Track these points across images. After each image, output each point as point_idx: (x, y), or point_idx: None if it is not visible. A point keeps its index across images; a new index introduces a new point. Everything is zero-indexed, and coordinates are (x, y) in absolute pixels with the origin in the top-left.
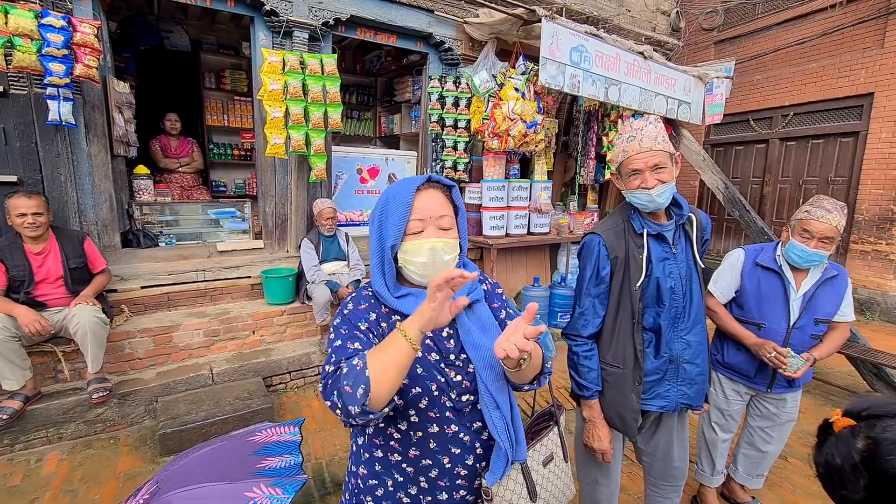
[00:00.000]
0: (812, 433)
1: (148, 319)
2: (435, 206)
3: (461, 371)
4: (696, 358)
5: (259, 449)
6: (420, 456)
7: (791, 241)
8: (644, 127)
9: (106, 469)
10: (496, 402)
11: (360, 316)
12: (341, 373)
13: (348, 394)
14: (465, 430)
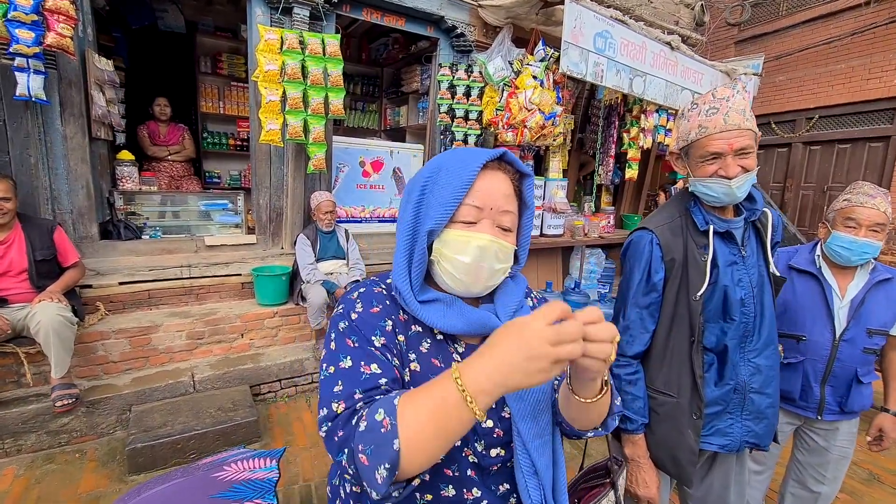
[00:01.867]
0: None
1: (125, 319)
2: (500, 194)
3: (493, 416)
4: (767, 387)
5: (225, 490)
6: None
7: (833, 233)
8: (731, 97)
9: (66, 488)
10: (534, 464)
11: (373, 323)
12: (357, 429)
13: (364, 466)
14: (488, 496)
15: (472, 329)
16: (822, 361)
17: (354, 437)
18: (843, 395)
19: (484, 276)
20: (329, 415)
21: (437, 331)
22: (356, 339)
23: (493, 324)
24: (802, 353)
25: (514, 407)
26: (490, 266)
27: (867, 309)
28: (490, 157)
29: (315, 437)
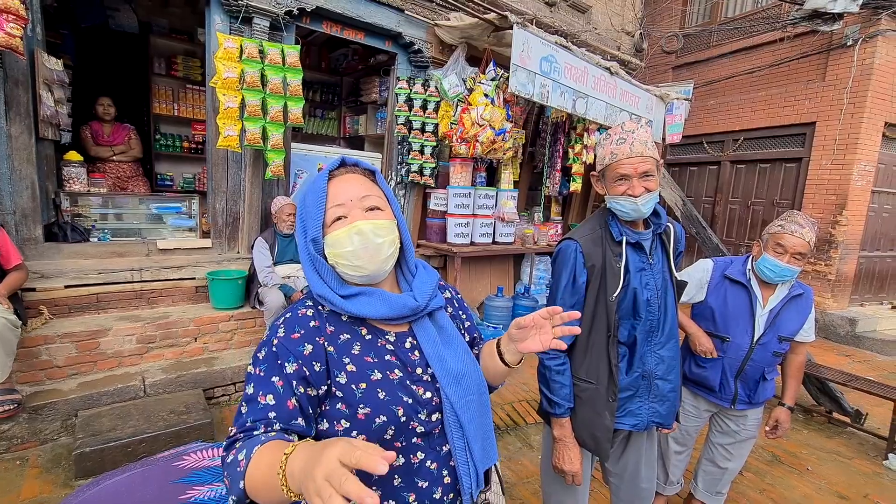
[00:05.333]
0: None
1: (72, 323)
2: (354, 187)
3: (430, 387)
4: (669, 374)
5: (185, 476)
6: (382, 497)
7: (764, 255)
8: (636, 130)
9: (6, 496)
10: (460, 421)
11: (290, 350)
12: (227, 458)
13: (228, 486)
14: (433, 457)
15: (396, 311)
16: (739, 360)
17: (225, 464)
18: (752, 389)
19: (375, 256)
20: (228, 439)
21: (365, 329)
22: (264, 369)
23: (412, 304)
24: (724, 352)
25: (440, 373)
26: (373, 242)
27: (781, 318)
28: (332, 167)
29: None
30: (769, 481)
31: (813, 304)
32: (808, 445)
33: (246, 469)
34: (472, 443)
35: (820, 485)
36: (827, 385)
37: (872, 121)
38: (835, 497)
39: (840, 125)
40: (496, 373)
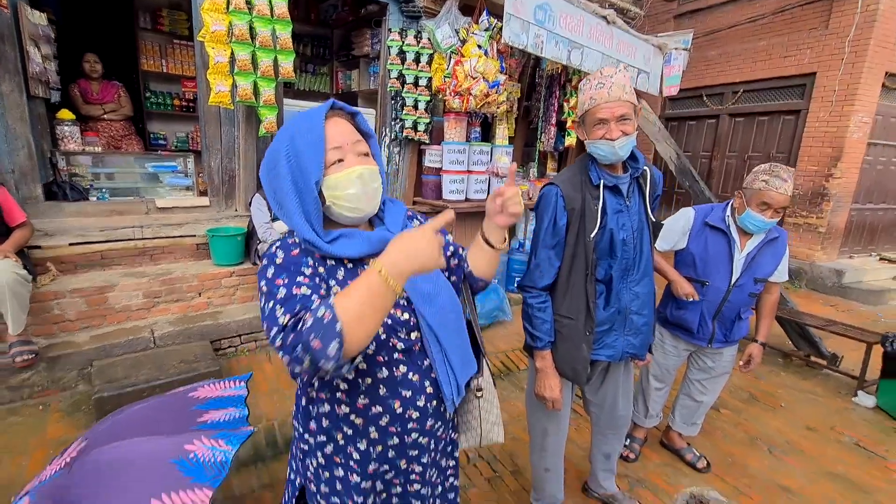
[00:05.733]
0: (745, 388)
1: (79, 279)
2: (347, 132)
3: (406, 309)
4: (643, 309)
5: (200, 403)
6: (369, 404)
7: (748, 211)
8: (614, 75)
9: (34, 437)
10: (437, 338)
11: (297, 261)
12: (304, 326)
13: (317, 349)
14: (414, 370)
15: (375, 248)
16: (717, 302)
17: (304, 333)
18: (728, 328)
19: (371, 197)
20: (279, 328)
21: (347, 259)
22: (285, 276)
23: (390, 237)
24: (704, 295)
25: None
26: (371, 188)
27: (757, 261)
28: (327, 109)
29: (276, 383)
30: (744, 417)
31: (787, 247)
32: (784, 386)
33: (335, 311)
34: (451, 357)
35: (791, 419)
36: (807, 330)
37: (873, 70)
38: (803, 429)
39: (840, 75)
40: (487, 262)
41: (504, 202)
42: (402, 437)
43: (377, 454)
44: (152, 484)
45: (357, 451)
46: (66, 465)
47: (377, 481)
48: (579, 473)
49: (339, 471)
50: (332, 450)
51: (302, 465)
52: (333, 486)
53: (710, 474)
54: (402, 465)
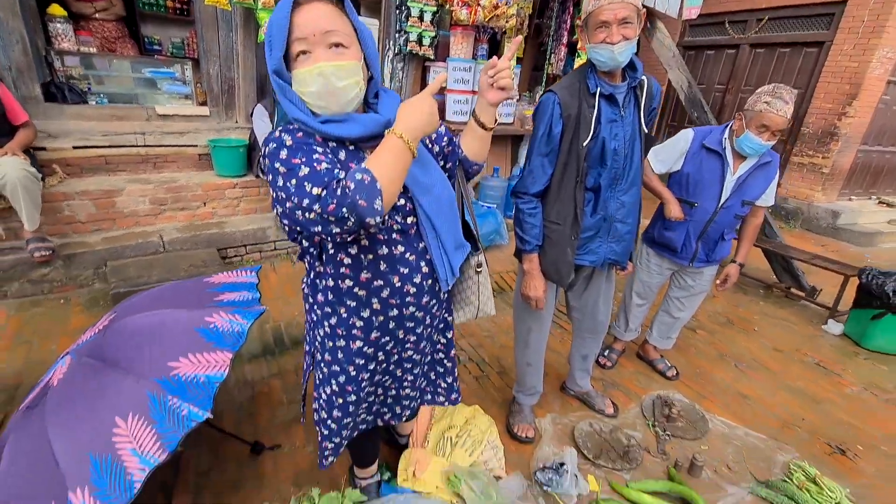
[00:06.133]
0: (724, 314)
1: (85, 182)
2: (319, 19)
3: (403, 195)
4: (628, 217)
5: (215, 287)
6: (371, 278)
7: (746, 133)
8: None
9: (59, 326)
10: (433, 224)
11: (306, 142)
12: (348, 189)
13: (364, 208)
14: (410, 250)
15: (369, 129)
16: (703, 223)
17: (348, 195)
18: (711, 248)
19: (339, 98)
20: (313, 198)
21: (343, 152)
22: (301, 155)
23: (382, 120)
24: (690, 216)
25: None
26: (335, 86)
27: (748, 184)
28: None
29: (280, 291)
30: (718, 338)
31: (777, 171)
32: (761, 313)
33: (372, 173)
34: (445, 242)
35: (761, 342)
36: (791, 264)
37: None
38: (771, 350)
39: (872, 4)
40: (479, 144)
41: (495, 74)
42: (400, 310)
43: (378, 324)
44: (179, 346)
45: (360, 319)
46: (99, 331)
47: (378, 350)
48: (559, 376)
49: (341, 341)
50: (336, 321)
51: (311, 336)
52: (335, 355)
53: (678, 382)
54: (399, 335)
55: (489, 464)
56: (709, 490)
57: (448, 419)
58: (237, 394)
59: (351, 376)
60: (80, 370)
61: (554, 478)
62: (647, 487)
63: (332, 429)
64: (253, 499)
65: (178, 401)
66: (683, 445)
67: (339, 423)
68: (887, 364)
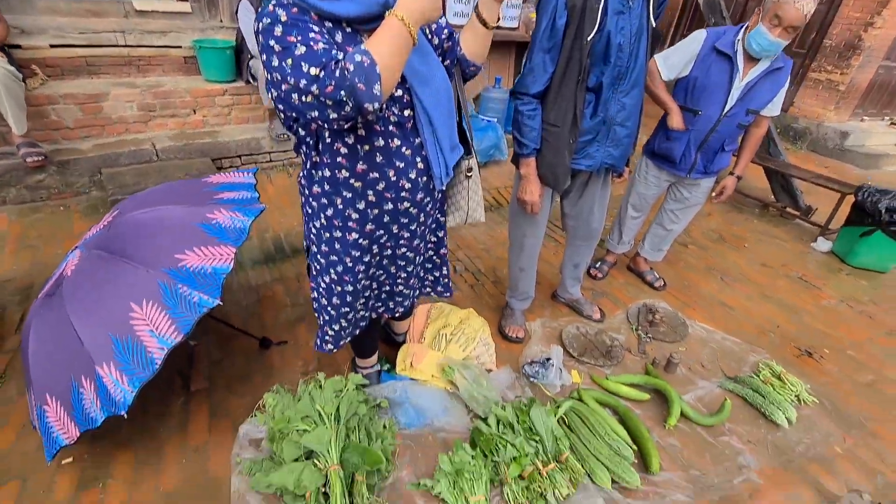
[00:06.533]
0: (717, 231)
1: (69, 85)
2: None
3: (401, 86)
4: (628, 120)
5: (214, 186)
6: (367, 170)
7: (759, 26)
8: None
9: (62, 230)
10: (430, 118)
11: (301, 19)
12: (347, 71)
13: (363, 91)
14: (407, 145)
15: (366, 8)
16: (705, 132)
17: (348, 78)
18: (709, 159)
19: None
20: (310, 79)
21: (345, 23)
22: (297, 33)
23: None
24: (693, 124)
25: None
26: None
27: (755, 91)
28: None
29: (278, 202)
30: (709, 253)
31: (788, 79)
32: (754, 231)
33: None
34: (441, 139)
35: (750, 257)
36: (790, 183)
37: None
38: (758, 265)
39: None
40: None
41: None
42: (395, 204)
43: (373, 216)
44: (184, 239)
45: (356, 211)
46: (105, 226)
47: (373, 243)
48: (551, 286)
49: (338, 232)
50: (333, 213)
51: (308, 227)
52: (332, 246)
53: (664, 292)
54: (394, 229)
55: (481, 358)
56: (681, 384)
57: (444, 319)
58: (243, 297)
59: (347, 266)
60: (90, 261)
61: (540, 371)
62: (625, 380)
63: (331, 315)
64: (263, 386)
65: (188, 289)
66: (663, 347)
67: (338, 311)
68: (868, 280)
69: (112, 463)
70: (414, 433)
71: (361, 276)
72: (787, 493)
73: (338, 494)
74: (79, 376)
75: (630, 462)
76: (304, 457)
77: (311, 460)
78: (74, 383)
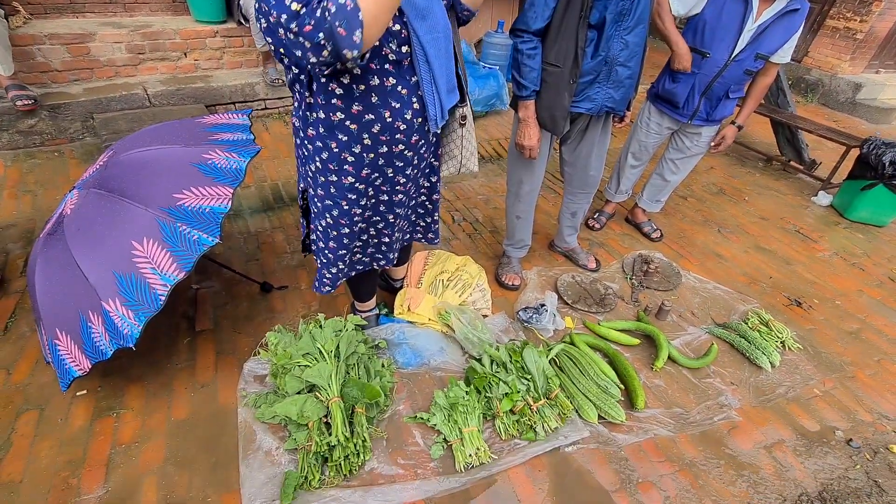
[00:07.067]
0: (718, 184)
1: (53, 24)
2: None
3: (399, 21)
4: (630, 60)
5: (209, 127)
6: (362, 111)
7: None
8: None
9: (59, 176)
10: (426, 55)
11: None
12: (328, 13)
13: (342, 36)
14: (403, 84)
15: None
16: (711, 76)
17: (327, 20)
18: (713, 106)
19: None
20: (291, 15)
21: None
22: None
23: None
24: (699, 68)
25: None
26: None
27: (767, 34)
28: None
29: (275, 150)
30: (707, 205)
31: (802, 23)
32: (755, 184)
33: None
34: (437, 79)
35: (748, 210)
36: (796, 136)
37: None
38: (756, 218)
39: None
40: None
41: None
42: (390, 147)
43: (369, 161)
44: (181, 179)
45: (352, 154)
46: (101, 166)
47: (368, 187)
48: (548, 236)
49: (333, 176)
50: (328, 156)
51: (303, 170)
52: (328, 189)
53: (660, 243)
54: (389, 173)
55: (477, 304)
56: (671, 330)
57: (441, 265)
58: (243, 244)
59: (344, 210)
60: (89, 200)
61: (534, 316)
62: (616, 325)
63: (329, 258)
64: (265, 327)
65: (188, 227)
66: (655, 295)
67: (335, 254)
68: (864, 233)
69: (124, 395)
70: (411, 372)
71: (358, 219)
72: (764, 429)
73: (339, 424)
74: (86, 311)
75: (617, 399)
76: (305, 390)
77: (313, 393)
78: (83, 318)
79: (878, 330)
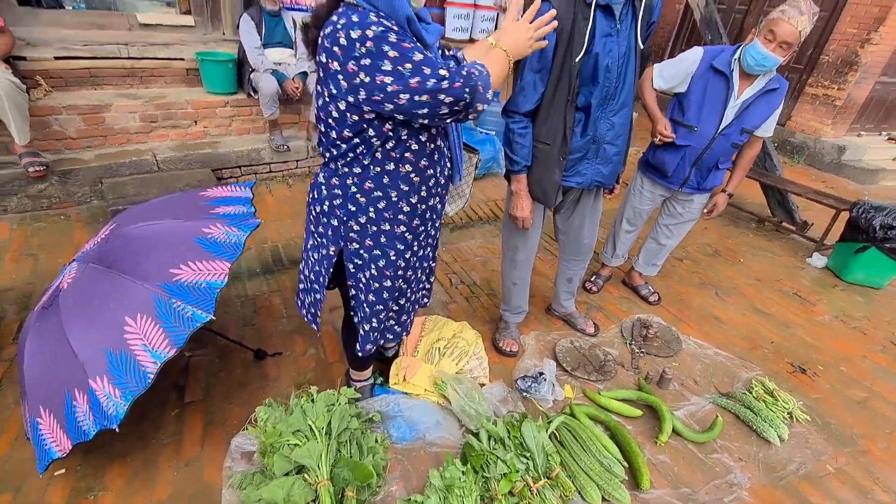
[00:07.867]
0: (713, 245)
1: (72, 96)
2: None
3: None
4: (617, 139)
5: (211, 200)
6: (427, 166)
7: (754, 41)
8: None
9: (63, 239)
10: None
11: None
12: (472, 74)
13: (481, 93)
14: (445, 144)
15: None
16: (699, 149)
17: (472, 79)
18: (703, 176)
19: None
20: (439, 78)
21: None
22: (408, 41)
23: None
24: (688, 140)
25: None
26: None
27: (750, 111)
28: None
29: (277, 214)
30: (703, 267)
31: (782, 101)
32: (749, 245)
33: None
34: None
35: (744, 272)
36: (786, 199)
37: None
38: (752, 279)
39: None
40: None
41: None
42: (434, 199)
43: (420, 211)
44: (179, 254)
45: (408, 205)
46: (101, 239)
47: (415, 240)
48: (545, 299)
49: (386, 225)
50: (385, 205)
51: (344, 227)
52: (377, 239)
53: (658, 306)
54: (428, 226)
55: (474, 372)
56: (674, 399)
57: (437, 332)
58: (240, 307)
59: (391, 260)
60: (87, 275)
61: (533, 385)
62: (617, 395)
63: (366, 312)
64: (258, 397)
65: (182, 303)
66: (656, 362)
67: (373, 308)
68: (862, 296)
69: (105, 474)
70: (406, 447)
71: (401, 272)
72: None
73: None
74: (73, 389)
75: (621, 479)
76: (294, 471)
77: (302, 475)
78: (68, 396)
79: (885, 398)
